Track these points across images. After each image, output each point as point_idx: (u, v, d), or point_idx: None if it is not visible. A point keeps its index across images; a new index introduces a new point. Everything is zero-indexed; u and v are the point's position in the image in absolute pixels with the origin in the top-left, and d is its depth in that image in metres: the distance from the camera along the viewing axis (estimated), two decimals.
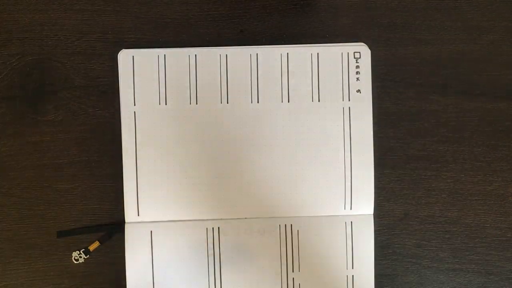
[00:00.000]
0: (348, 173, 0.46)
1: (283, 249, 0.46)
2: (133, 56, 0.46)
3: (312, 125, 0.46)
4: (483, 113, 0.47)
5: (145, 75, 0.46)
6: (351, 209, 0.46)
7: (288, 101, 0.46)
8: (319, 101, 0.46)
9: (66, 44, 0.46)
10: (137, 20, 0.46)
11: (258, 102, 0.46)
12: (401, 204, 0.47)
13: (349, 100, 0.46)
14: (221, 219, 0.46)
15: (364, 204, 0.46)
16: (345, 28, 0.47)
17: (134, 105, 0.46)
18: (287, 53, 0.46)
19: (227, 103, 0.46)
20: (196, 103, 0.46)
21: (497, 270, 0.47)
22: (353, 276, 0.46)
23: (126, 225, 0.45)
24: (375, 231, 0.46)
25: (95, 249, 0.46)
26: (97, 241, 0.46)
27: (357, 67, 0.46)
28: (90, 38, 0.46)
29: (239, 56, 0.46)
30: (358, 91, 0.46)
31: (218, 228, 0.46)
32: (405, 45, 0.47)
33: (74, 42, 0.46)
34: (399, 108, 0.47)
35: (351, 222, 0.46)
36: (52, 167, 0.46)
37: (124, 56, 0.46)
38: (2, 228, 0.46)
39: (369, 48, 0.46)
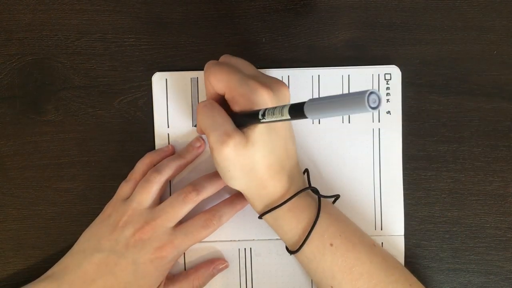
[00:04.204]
0: (377, 194, 0.46)
1: None
2: (166, 79, 0.46)
3: (342, 146, 0.46)
4: (483, 113, 0.47)
5: (178, 98, 0.46)
6: (381, 229, 0.46)
7: (319, 122, 0.46)
8: (349, 122, 0.46)
9: (66, 44, 0.46)
10: (137, 20, 0.46)
11: None
12: None
13: (379, 121, 0.46)
14: (253, 239, 0.46)
15: (395, 225, 0.46)
16: (345, 28, 0.47)
17: (168, 127, 0.46)
18: (318, 75, 0.46)
19: None
20: None
21: (497, 270, 0.47)
22: None
23: None
24: None
25: None
26: None
27: (388, 88, 0.46)
28: (90, 38, 0.46)
29: None
30: (388, 112, 0.46)
31: (251, 248, 0.46)
32: (405, 45, 0.47)
33: (74, 42, 0.46)
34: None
35: (382, 243, 0.46)
36: (52, 167, 0.46)
37: (158, 79, 0.46)
38: (2, 228, 0.46)
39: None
